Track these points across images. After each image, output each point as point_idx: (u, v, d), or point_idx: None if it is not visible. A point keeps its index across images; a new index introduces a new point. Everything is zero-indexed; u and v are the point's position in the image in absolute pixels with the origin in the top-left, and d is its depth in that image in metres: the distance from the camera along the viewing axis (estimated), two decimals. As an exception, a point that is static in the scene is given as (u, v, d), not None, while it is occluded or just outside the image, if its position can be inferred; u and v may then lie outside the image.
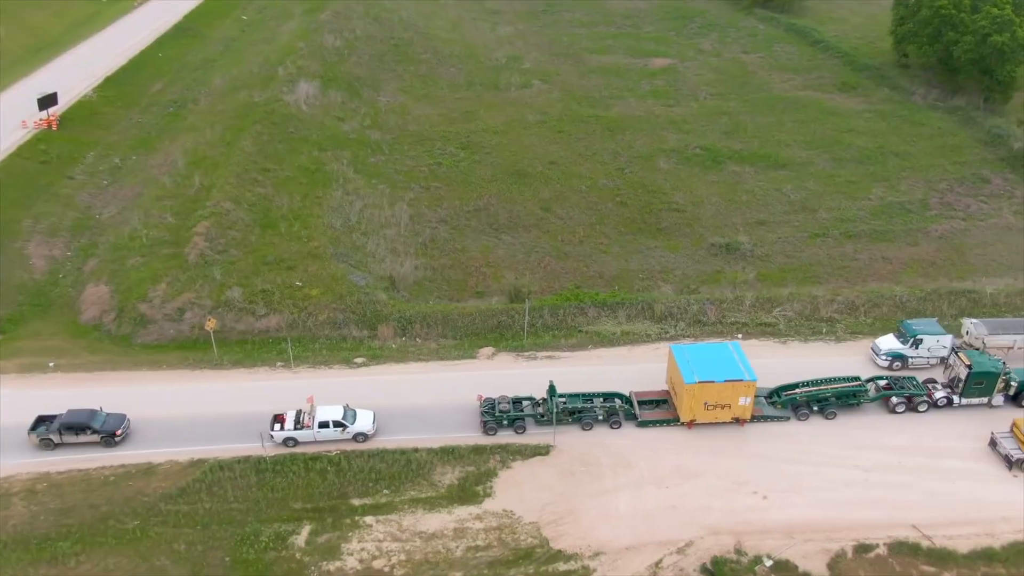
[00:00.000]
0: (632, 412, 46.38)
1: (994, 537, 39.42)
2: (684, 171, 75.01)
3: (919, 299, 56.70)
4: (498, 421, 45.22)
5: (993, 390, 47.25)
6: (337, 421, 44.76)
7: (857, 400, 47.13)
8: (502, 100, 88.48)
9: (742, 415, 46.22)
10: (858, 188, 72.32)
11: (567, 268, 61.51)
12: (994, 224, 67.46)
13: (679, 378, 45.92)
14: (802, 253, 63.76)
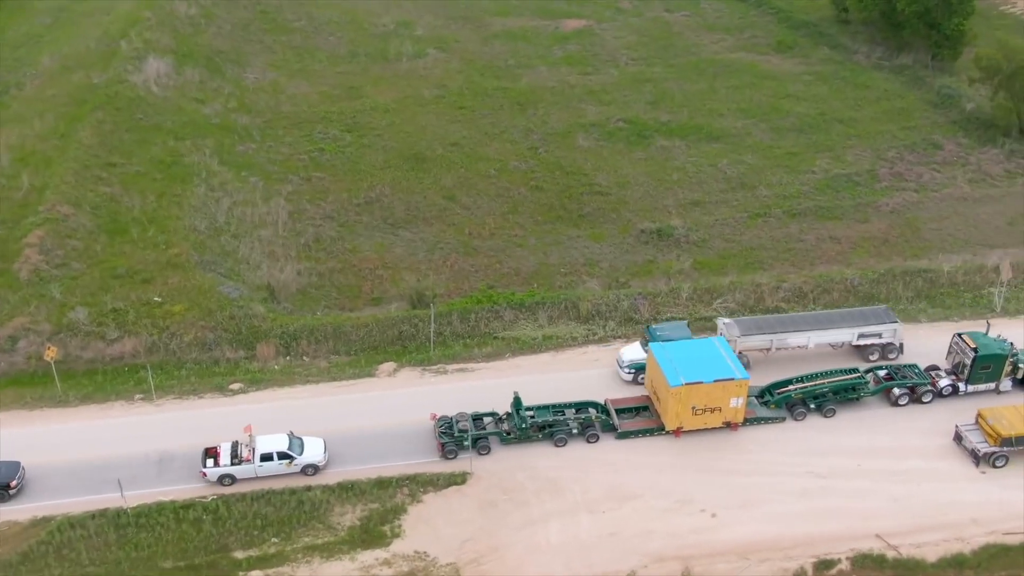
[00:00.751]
0: (610, 423, 46.69)
1: (964, 542, 41.17)
2: (606, 148, 75.97)
3: (872, 282, 58.84)
4: (459, 442, 45.10)
5: (1001, 374, 48.79)
6: (283, 452, 44.24)
7: (857, 394, 48.34)
8: (392, 73, 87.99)
9: (734, 418, 46.91)
10: (800, 160, 74.69)
11: (477, 266, 61.53)
12: (949, 195, 70.59)
13: (662, 381, 46.31)
14: (742, 236, 65.42)
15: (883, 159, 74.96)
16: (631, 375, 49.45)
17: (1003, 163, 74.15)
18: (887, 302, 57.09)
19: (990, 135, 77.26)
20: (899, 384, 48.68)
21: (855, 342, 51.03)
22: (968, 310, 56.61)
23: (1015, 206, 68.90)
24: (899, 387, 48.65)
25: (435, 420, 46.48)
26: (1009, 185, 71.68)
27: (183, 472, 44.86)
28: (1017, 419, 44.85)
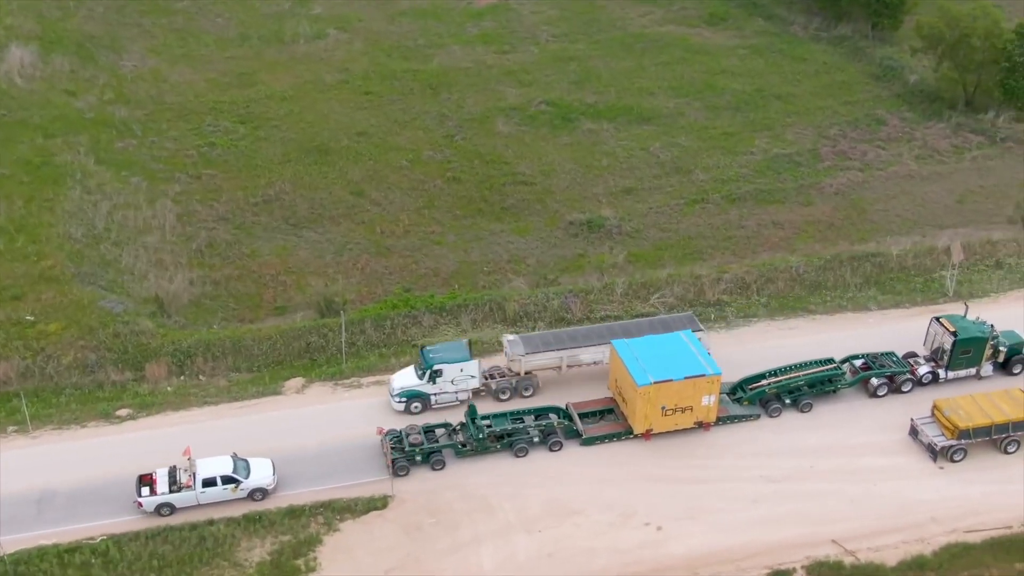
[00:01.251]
0: (574, 429, 47.19)
1: (925, 542, 42.50)
2: (529, 134, 76.34)
3: (818, 268, 60.31)
4: (410, 458, 45.23)
5: (982, 358, 50.39)
6: (227, 476, 43.72)
7: (834, 386, 49.65)
8: (289, 57, 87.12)
9: (706, 417, 47.62)
10: (738, 141, 76.11)
11: (391, 267, 61.30)
12: (895, 173, 72.72)
13: (628, 381, 46.76)
14: (679, 225, 66.39)
15: (825, 137, 76.84)
16: (402, 404, 48.50)
17: (950, 138, 76.70)
18: (835, 289, 58.59)
19: (935, 108, 79.85)
20: (877, 374, 50.03)
21: None
22: (919, 295, 58.42)
23: (964, 183, 71.35)
24: (877, 377, 49.99)
25: (382, 435, 46.39)
26: (957, 161, 74.18)
27: (67, 511, 43.65)
28: (974, 410, 46.42)
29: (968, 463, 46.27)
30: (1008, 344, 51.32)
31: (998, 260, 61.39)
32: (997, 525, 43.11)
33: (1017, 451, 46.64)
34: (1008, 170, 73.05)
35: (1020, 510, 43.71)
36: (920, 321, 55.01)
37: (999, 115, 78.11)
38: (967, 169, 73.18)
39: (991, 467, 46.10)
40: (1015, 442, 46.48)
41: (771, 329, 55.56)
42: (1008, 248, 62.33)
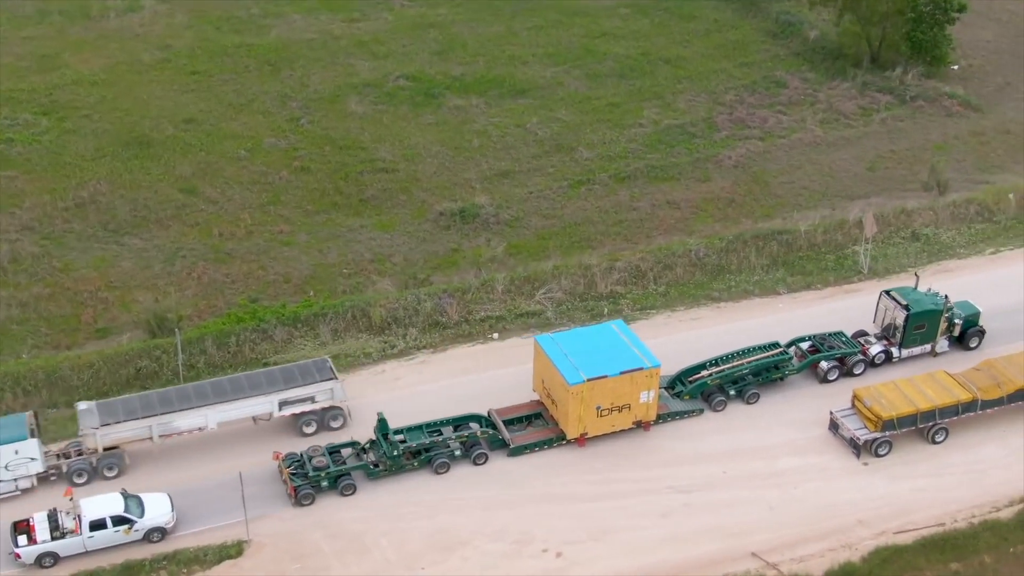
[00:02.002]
0: (499, 438, 47.60)
1: (852, 548, 43.85)
2: (387, 113, 76.07)
3: (719, 251, 61.70)
4: (315, 483, 45.15)
5: (936, 333, 52.41)
6: (119, 517, 42.91)
7: (781, 373, 51.23)
8: (98, 34, 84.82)
9: (645, 416, 48.40)
10: (625, 112, 77.20)
11: (233, 275, 60.36)
12: (799, 140, 74.90)
13: (557, 380, 47.19)
14: (563, 210, 67.04)
15: (720, 104, 78.64)
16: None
17: (856, 99, 79.46)
18: (739, 273, 60.04)
19: (839, 67, 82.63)
20: (826, 356, 51.62)
21: (279, 412, 48.43)
22: (832, 274, 60.39)
23: (874, 148, 74.02)
24: (827, 360, 51.57)
25: (280, 460, 46.00)
26: (865, 124, 76.88)
27: None
28: (897, 397, 48.14)
29: (894, 457, 47.96)
30: (963, 316, 53.29)
31: (914, 231, 63.86)
32: (929, 523, 44.74)
33: (946, 440, 48.52)
34: (920, 131, 76.15)
35: (953, 505, 45.50)
36: (833, 303, 56.92)
37: (907, 71, 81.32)
38: (876, 132, 75.93)
39: (919, 460, 47.89)
40: (943, 430, 48.39)
41: (672, 321, 56.60)
42: (924, 217, 64.93)
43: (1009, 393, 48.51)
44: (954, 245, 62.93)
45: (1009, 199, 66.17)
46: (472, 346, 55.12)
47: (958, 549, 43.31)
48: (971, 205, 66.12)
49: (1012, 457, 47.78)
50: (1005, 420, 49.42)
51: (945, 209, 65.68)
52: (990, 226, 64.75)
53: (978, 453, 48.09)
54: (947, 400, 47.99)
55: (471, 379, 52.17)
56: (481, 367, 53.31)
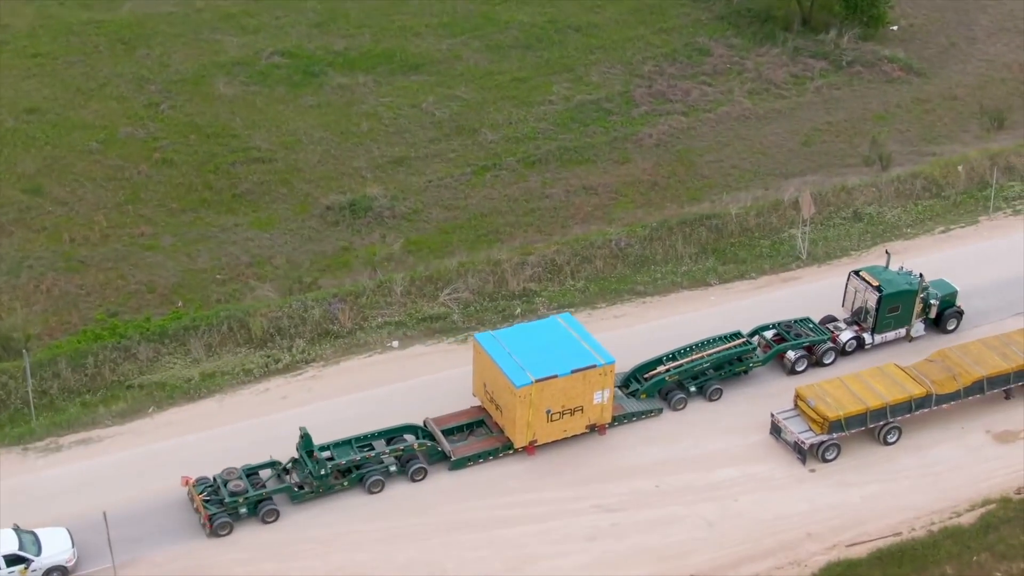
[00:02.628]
0: (439, 450, 47.80)
1: (802, 565, 44.30)
2: (261, 95, 75.56)
3: (643, 240, 62.16)
4: (232, 510, 44.81)
5: (912, 316, 53.47)
6: (13, 556, 42.15)
7: (745, 365, 52.06)
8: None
9: (600, 419, 48.81)
10: (532, 88, 77.45)
11: (88, 286, 59.35)
12: (726, 114, 75.95)
13: (501, 382, 47.36)
14: (468, 199, 67.05)
15: (638, 76, 79.28)
16: None
17: (787, 66, 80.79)
18: (665, 264, 60.56)
19: (767, 31, 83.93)
20: (793, 346, 52.56)
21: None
22: (767, 262, 61.19)
23: (809, 120, 75.30)
24: (794, 349, 52.57)
25: (189, 485, 45.74)
26: (798, 94, 78.23)
27: None
28: (844, 395, 48.79)
29: (843, 461, 48.61)
30: (940, 296, 54.56)
31: (856, 211, 65.05)
32: (884, 533, 45.32)
33: (899, 440, 49.34)
34: (858, 100, 77.64)
35: (909, 512, 46.21)
36: (770, 293, 57.66)
37: (842, 34, 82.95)
38: (811, 103, 77.25)
39: (871, 463, 48.59)
40: (895, 429, 49.18)
41: (593, 319, 56.74)
42: (867, 195, 66.17)
43: (966, 386, 49.49)
44: (900, 224, 64.22)
45: (958, 172, 67.77)
46: (369, 357, 54.74)
47: (917, 560, 43.92)
48: (917, 180, 67.54)
49: (971, 456, 48.78)
50: (962, 415, 50.47)
51: (889, 185, 67.00)
52: (939, 202, 66.24)
53: (934, 453, 48.96)
54: (899, 396, 48.71)
55: (370, 394, 51.73)
56: (381, 380, 52.93)
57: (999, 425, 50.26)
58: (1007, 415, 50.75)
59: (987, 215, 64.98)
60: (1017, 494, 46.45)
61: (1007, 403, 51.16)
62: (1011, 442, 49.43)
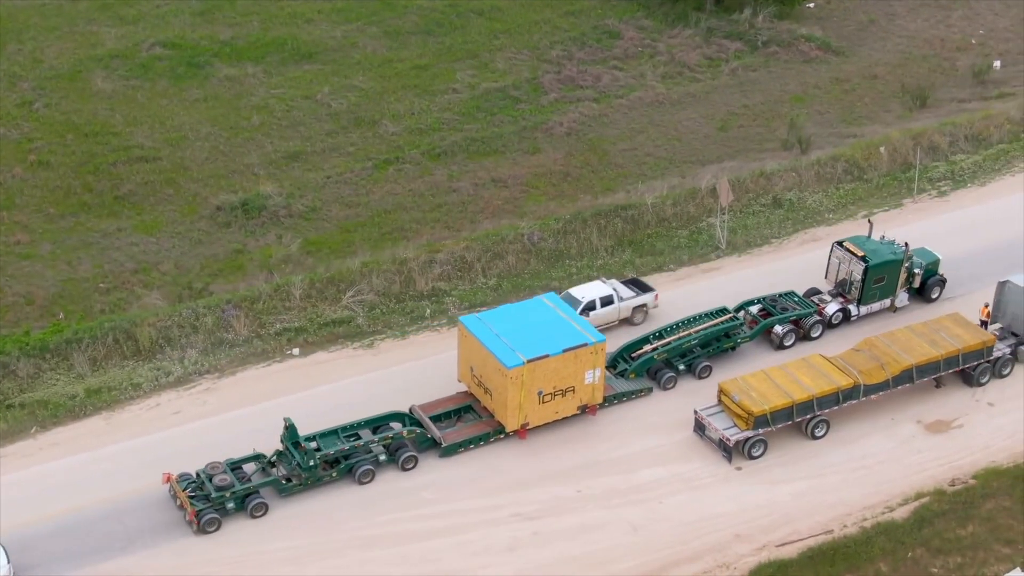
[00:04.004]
0: (428, 438, 49.00)
1: (731, 568, 44.77)
2: (143, 90, 74.96)
3: (557, 233, 62.50)
4: (220, 505, 45.73)
5: (897, 286, 55.75)
6: None
7: (732, 341, 54.00)
8: None
9: (591, 399, 50.30)
10: (434, 76, 77.55)
11: (-43, 298, 58.23)
12: (639, 99, 76.63)
13: (491, 365, 48.50)
14: (370, 196, 66.93)
15: (546, 61, 79.66)
16: None
17: (701, 48, 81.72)
18: (581, 258, 60.97)
19: (679, 11, 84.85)
20: (781, 320, 54.54)
21: None
22: (685, 252, 61.88)
23: (724, 104, 76.22)
24: (781, 324, 54.57)
25: (171, 482, 46.66)
26: (713, 77, 79.15)
27: None
28: (769, 388, 49.39)
29: (770, 458, 49.23)
30: (923, 265, 56.68)
31: (776, 197, 66.01)
32: (815, 532, 45.93)
33: (827, 434, 50.12)
34: (775, 82, 78.80)
35: (840, 508, 46.94)
36: (690, 285, 58.32)
37: (757, 13, 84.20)
38: (726, 86, 78.19)
39: (799, 459, 49.27)
40: (823, 423, 49.96)
41: (507, 319, 57.07)
42: (786, 180, 67.17)
43: (895, 375, 50.38)
44: (821, 210, 65.32)
45: (880, 153, 69.06)
46: (268, 366, 54.42)
47: (850, 559, 44.57)
48: (838, 163, 68.75)
49: (902, 448, 49.70)
50: (891, 406, 51.41)
51: (809, 169, 68.08)
52: (861, 185, 67.48)
53: (864, 446, 49.80)
54: (826, 388, 49.43)
55: (271, 406, 51.34)
56: (282, 390, 52.66)
57: (930, 415, 51.31)
58: (938, 404, 51.84)
59: (911, 197, 66.31)
60: (951, 486, 47.41)
61: (938, 392, 52.28)
62: (943, 432, 50.49)
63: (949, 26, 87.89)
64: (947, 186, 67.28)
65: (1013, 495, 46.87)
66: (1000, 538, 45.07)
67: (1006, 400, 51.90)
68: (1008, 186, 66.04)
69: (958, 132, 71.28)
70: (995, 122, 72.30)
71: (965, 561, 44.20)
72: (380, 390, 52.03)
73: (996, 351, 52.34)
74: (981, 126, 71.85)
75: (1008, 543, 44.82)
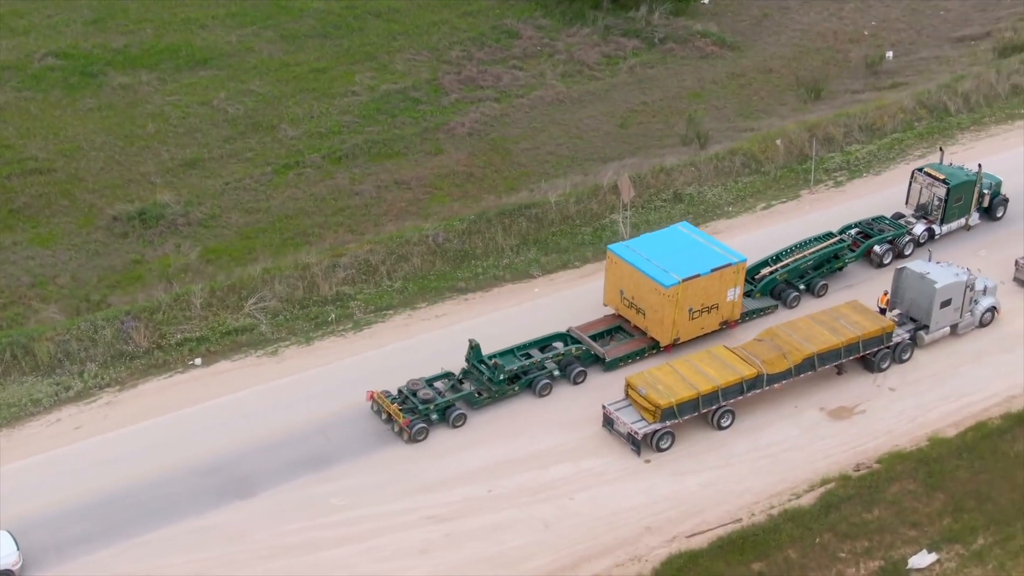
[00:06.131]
0: (591, 354, 53.58)
1: (642, 560, 45.03)
2: (35, 101, 74.20)
3: (462, 234, 62.40)
4: (425, 416, 50.08)
5: (971, 205, 61.42)
6: None
7: (841, 262, 59.12)
8: None
9: (731, 315, 55.12)
10: (333, 79, 77.28)
11: None
12: (539, 98, 76.92)
13: (646, 286, 53.02)
14: (270, 201, 66.52)
15: (445, 62, 79.64)
16: None
17: (599, 46, 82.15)
18: (486, 257, 60.98)
19: (576, 10, 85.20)
20: (879, 240, 59.80)
21: None
22: (590, 249, 62.01)
23: (624, 101, 76.68)
24: (879, 244, 59.74)
25: (376, 397, 50.63)
26: (612, 74, 79.61)
27: None
28: (675, 381, 49.74)
29: (678, 449, 49.55)
30: (991, 185, 62.29)
31: (676, 192, 66.43)
32: (724, 521, 46.33)
33: (733, 423, 50.58)
34: (673, 78, 79.43)
35: (748, 497, 47.41)
36: (596, 281, 58.40)
37: (653, 10, 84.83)
38: (625, 83, 78.71)
39: (706, 449, 49.67)
40: (728, 413, 50.42)
41: (413, 321, 56.94)
42: (686, 175, 67.63)
43: (797, 364, 50.99)
44: (721, 203, 65.88)
45: (777, 146, 69.84)
46: (170, 377, 53.68)
47: (759, 547, 45.02)
48: (736, 157, 69.38)
49: (807, 435, 50.28)
50: (794, 394, 51.97)
51: (708, 164, 68.65)
52: (759, 178, 68.17)
53: (769, 434, 50.30)
54: (730, 378, 49.91)
55: (176, 417, 50.85)
56: (185, 401, 52.02)
57: (832, 402, 51.98)
58: (840, 391, 52.52)
59: (808, 188, 67.13)
60: (856, 471, 48.06)
61: (840, 379, 52.96)
62: (846, 418, 51.14)
63: (842, 18, 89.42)
64: (843, 176, 68.18)
65: (917, 478, 47.63)
66: (906, 521, 45.77)
67: (907, 385, 52.74)
68: (903, 174, 66.88)
69: (852, 123, 72.26)
70: (888, 112, 73.43)
71: (872, 545, 44.83)
72: (284, 398, 51.70)
73: (895, 337, 53.13)
74: (875, 116, 72.94)
75: (914, 526, 45.57)
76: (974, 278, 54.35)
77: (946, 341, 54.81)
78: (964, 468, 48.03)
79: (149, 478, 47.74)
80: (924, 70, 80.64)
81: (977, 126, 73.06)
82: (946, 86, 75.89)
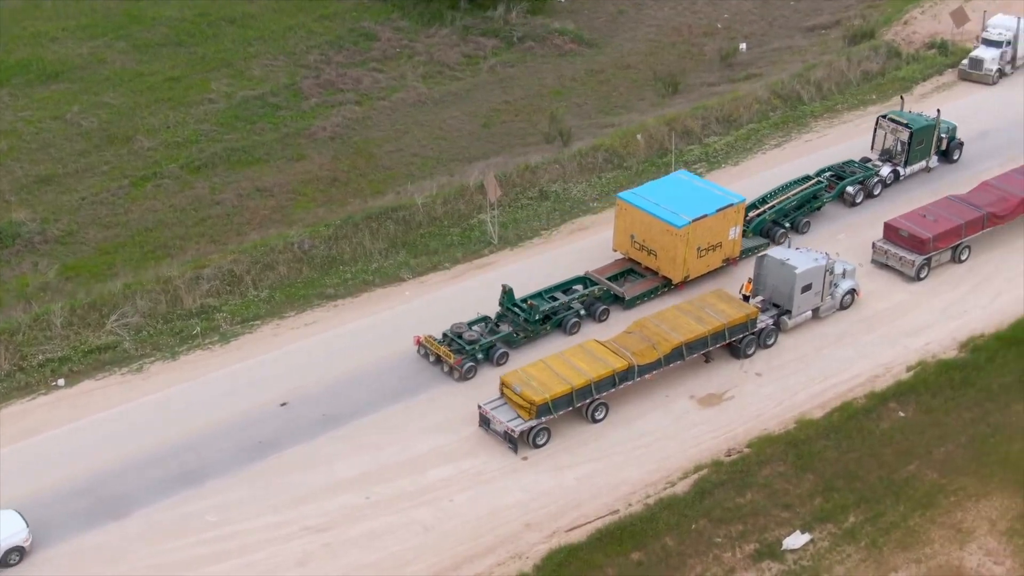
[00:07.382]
0: (612, 294, 57.31)
1: (523, 557, 45.30)
2: None
3: (329, 240, 62.13)
4: (471, 355, 53.52)
5: (931, 148, 66.68)
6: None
7: (820, 201, 63.88)
8: None
9: (732, 253, 59.06)
10: (188, 87, 76.54)
11: None
12: (401, 100, 76.99)
13: (658, 228, 56.86)
14: (129, 214, 65.68)
15: (303, 66, 79.28)
16: None
17: (459, 46, 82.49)
18: (355, 263, 60.74)
19: (434, 11, 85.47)
20: (852, 182, 64.80)
21: None
22: (459, 250, 62.19)
23: (486, 100, 77.06)
24: (852, 185, 64.63)
25: (421, 343, 54.13)
26: (473, 74, 79.96)
27: None
28: (549, 377, 50.12)
29: (555, 445, 50.00)
30: (948, 130, 67.57)
31: (542, 189, 66.95)
32: (601, 513, 46.90)
33: (607, 416, 51.15)
34: (533, 77, 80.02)
35: (624, 488, 48.01)
36: (466, 281, 58.86)
37: (510, 9, 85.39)
38: (486, 83, 79.13)
39: (582, 443, 50.20)
40: (602, 405, 50.97)
41: (282, 330, 56.49)
42: (551, 173, 68.18)
43: (666, 354, 51.75)
44: (586, 199, 66.53)
45: (638, 141, 70.78)
46: (33, 399, 52.49)
47: (637, 536, 45.68)
48: (598, 153, 70.15)
49: (678, 424, 51.12)
50: (665, 384, 52.78)
51: (571, 161, 69.31)
52: (622, 173, 68.94)
53: (642, 425, 51.03)
54: (602, 371, 50.47)
55: (41, 440, 49.93)
56: (51, 422, 50.97)
57: (702, 389, 52.91)
58: (708, 378, 53.48)
59: (671, 181, 68.22)
60: (727, 456, 49.01)
61: (707, 366, 53.91)
62: (716, 405, 52.12)
63: (695, 12, 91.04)
64: (702, 168, 69.19)
65: (787, 460, 48.75)
66: (778, 503, 46.81)
67: (772, 369, 53.91)
68: (760, 163, 68.58)
69: (709, 115, 73.56)
70: (744, 103, 74.94)
71: (747, 528, 45.76)
72: (152, 415, 51.03)
73: (760, 323, 54.27)
74: (731, 108, 74.37)
75: (786, 507, 46.62)
76: (833, 262, 55.76)
77: (809, 325, 56.12)
78: (832, 448, 49.30)
79: (20, 503, 46.49)
80: (777, 60, 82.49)
81: (830, 113, 74.94)
82: (799, 75, 77.73)
